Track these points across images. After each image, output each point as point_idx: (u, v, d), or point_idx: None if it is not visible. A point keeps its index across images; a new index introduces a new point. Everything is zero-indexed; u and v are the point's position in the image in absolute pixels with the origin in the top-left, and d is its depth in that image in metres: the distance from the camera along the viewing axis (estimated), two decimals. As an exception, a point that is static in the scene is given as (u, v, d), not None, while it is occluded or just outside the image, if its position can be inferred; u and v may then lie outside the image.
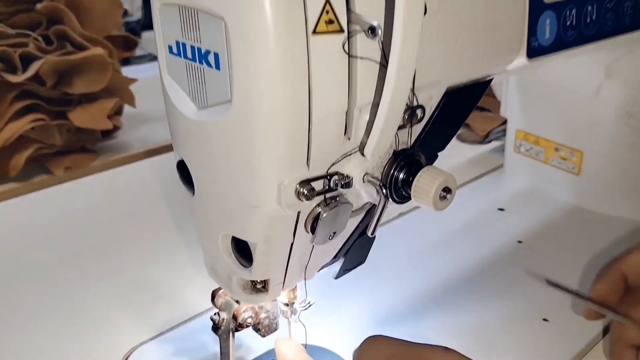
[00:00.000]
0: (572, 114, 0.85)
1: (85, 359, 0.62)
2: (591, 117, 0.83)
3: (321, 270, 0.53)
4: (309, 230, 0.45)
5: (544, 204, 0.88)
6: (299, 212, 0.43)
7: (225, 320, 0.54)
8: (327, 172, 0.41)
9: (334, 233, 0.46)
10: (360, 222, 0.50)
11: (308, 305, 0.53)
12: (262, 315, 0.54)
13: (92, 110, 1.04)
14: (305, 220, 0.44)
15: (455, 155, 1.04)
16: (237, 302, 0.55)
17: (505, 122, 1.10)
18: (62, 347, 0.64)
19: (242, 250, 0.46)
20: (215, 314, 0.54)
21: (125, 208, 0.90)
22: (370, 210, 0.49)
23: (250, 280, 0.48)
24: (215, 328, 0.55)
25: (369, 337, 0.46)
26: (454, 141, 1.13)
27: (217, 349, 0.54)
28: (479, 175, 0.98)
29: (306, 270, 0.49)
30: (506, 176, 0.96)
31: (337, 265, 0.54)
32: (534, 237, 0.81)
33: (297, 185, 0.40)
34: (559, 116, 0.87)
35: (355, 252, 0.53)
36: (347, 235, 0.50)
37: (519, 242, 0.80)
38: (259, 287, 0.48)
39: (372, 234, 0.45)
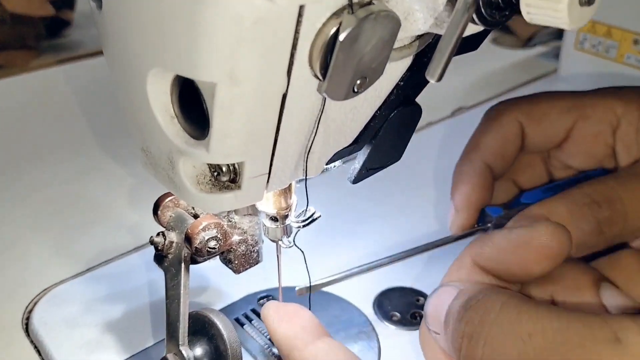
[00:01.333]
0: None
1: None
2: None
3: (331, 166, 0.32)
4: (317, 71, 0.24)
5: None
6: (298, 23, 0.22)
7: (174, 245, 0.34)
8: None
9: (362, 81, 0.25)
10: (405, 77, 0.29)
11: (310, 219, 0.32)
12: (235, 238, 0.34)
13: (29, -8, 0.81)
14: (311, 47, 0.23)
15: (492, 59, 0.82)
16: (196, 215, 0.34)
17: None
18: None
19: (192, 109, 0.25)
20: (158, 234, 0.34)
21: (62, 112, 0.69)
22: (425, 52, 0.28)
23: (209, 167, 0.27)
24: (160, 257, 0.34)
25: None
26: (488, 45, 0.92)
27: (164, 290, 0.34)
28: (524, 82, 0.76)
29: (308, 155, 0.28)
30: (562, 81, 0.75)
31: (355, 161, 0.33)
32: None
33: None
34: (641, -3, 0.65)
35: (389, 136, 0.32)
36: (384, 95, 0.29)
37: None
38: (225, 179, 0.27)
39: (438, 78, 0.24)
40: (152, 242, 0.33)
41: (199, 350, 0.32)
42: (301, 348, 0.33)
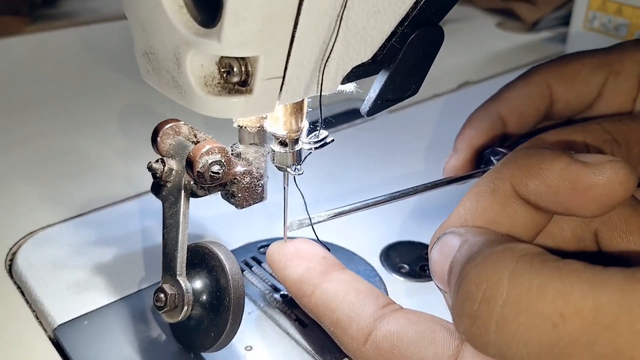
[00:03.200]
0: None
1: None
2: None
3: (347, 89, 0.30)
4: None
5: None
6: None
7: (174, 173, 0.31)
8: None
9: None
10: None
11: (322, 141, 0.30)
12: (239, 168, 0.31)
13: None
14: None
15: (497, 43, 0.81)
16: (196, 142, 0.32)
17: (561, 6, 0.87)
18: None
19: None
20: (157, 161, 0.31)
21: (56, 71, 0.66)
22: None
23: (219, 68, 0.25)
24: (158, 186, 0.32)
25: None
26: (493, 29, 0.90)
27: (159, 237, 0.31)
28: (528, 63, 0.75)
29: (326, 62, 0.26)
30: (569, 62, 0.73)
31: (370, 90, 0.31)
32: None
33: None
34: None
35: (409, 60, 0.30)
36: (409, 1, 0.27)
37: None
38: (235, 80, 0.24)
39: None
40: (149, 169, 0.31)
41: (198, 283, 0.30)
42: (308, 294, 0.31)
